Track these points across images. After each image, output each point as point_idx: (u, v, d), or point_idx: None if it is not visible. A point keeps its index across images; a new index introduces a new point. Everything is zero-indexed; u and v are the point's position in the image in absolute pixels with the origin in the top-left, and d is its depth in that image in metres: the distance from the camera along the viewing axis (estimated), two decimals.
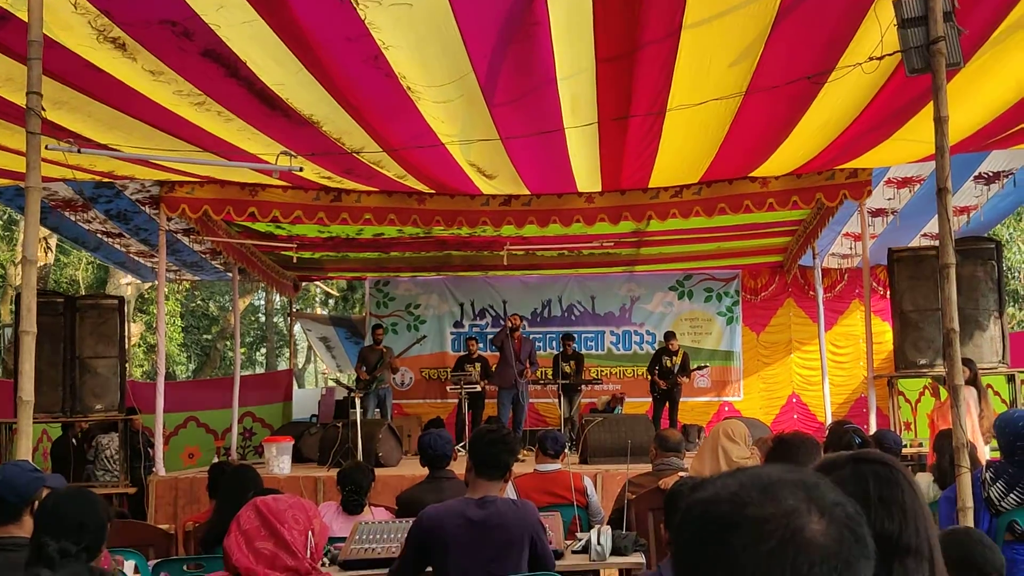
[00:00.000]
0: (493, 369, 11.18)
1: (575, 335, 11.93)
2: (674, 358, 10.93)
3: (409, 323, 13.15)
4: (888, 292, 9.29)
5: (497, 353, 10.79)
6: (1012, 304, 18.81)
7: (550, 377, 11.36)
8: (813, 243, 10.01)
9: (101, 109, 5.51)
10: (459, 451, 8.85)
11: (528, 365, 10.47)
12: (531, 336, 12.14)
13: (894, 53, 4.25)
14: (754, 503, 0.85)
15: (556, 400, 10.61)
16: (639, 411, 11.26)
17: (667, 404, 10.87)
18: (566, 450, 5.14)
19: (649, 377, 11.11)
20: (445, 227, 8.65)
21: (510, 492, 4.48)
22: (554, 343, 12.67)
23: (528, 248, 10.81)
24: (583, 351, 12.24)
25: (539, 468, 5.03)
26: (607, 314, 13.00)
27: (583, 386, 11.23)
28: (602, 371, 12.71)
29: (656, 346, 12.22)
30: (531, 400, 11.22)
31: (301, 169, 6.37)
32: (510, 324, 10.31)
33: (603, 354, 12.94)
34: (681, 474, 4.58)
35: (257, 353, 30.33)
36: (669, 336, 11.11)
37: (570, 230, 8.91)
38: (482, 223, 8.52)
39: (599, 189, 8.21)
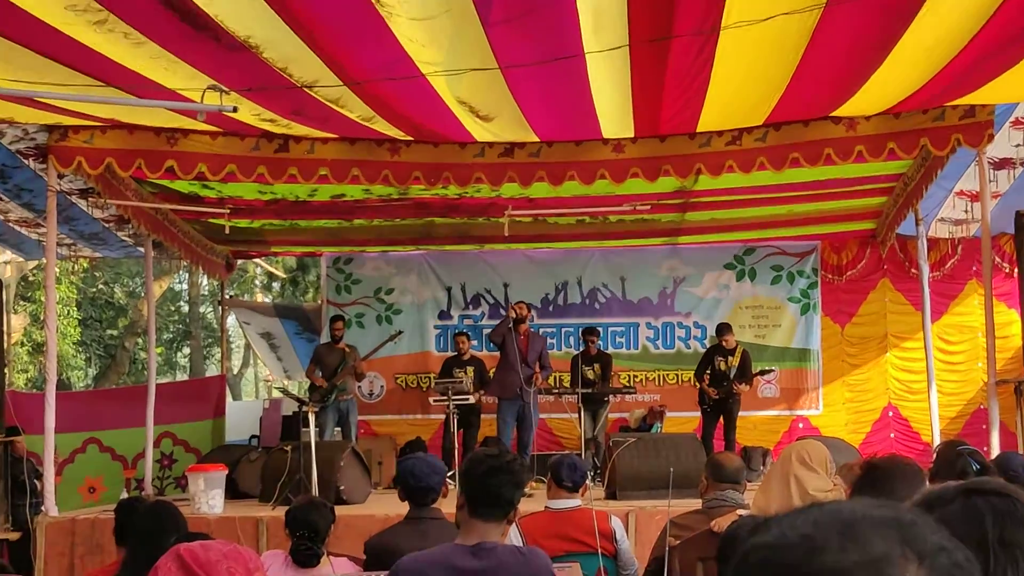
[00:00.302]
0: (491, 375, 11.20)
1: (600, 329, 11.96)
2: (730, 359, 10.95)
3: (379, 314, 13.17)
4: (1016, 269, 9.27)
5: (497, 353, 10.81)
6: None
7: (567, 385, 11.37)
8: (916, 205, 9.99)
9: None
10: (451, 484, 8.90)
11: (538, 369, 10.48)
12: (541, 331, 12.16)
13: None
14: (832, 549, 0.86)
15: (575, 416, 10.64)
16: (685, 429, 11.30)
17: (721, 420, 10.91)
18: (588, 481, 5.17)
19: (697, 385, 11.15)
20: (426, 186, 8.63)
21: (514, 537, 4.50)
22: (572, 340, 12.69)
23: (537, 213, 10.80)
24: (610, 350, 12.28)
25: (552, 505, 5.06)
26: (642, 301, 13.01)
27: (611, 397, 11.26)
28: (636, 377, 12.73)
29: (707, 343, 12.25)
30: (542, 415, 11.26)
31: (235, 109, 6.37)
32: (514, 315, 10.34)
33: (637, 354, 12.96)
34: (740, 512, 4.60)
35: (178, 354, 30.44)
36: (723, 329, 11.13)
37: (592, 189, 8.88)
38: (476, 181, 8.51)
39: (631, 135, 8.18)
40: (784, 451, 4.88)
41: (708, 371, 11.02)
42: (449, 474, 10.09)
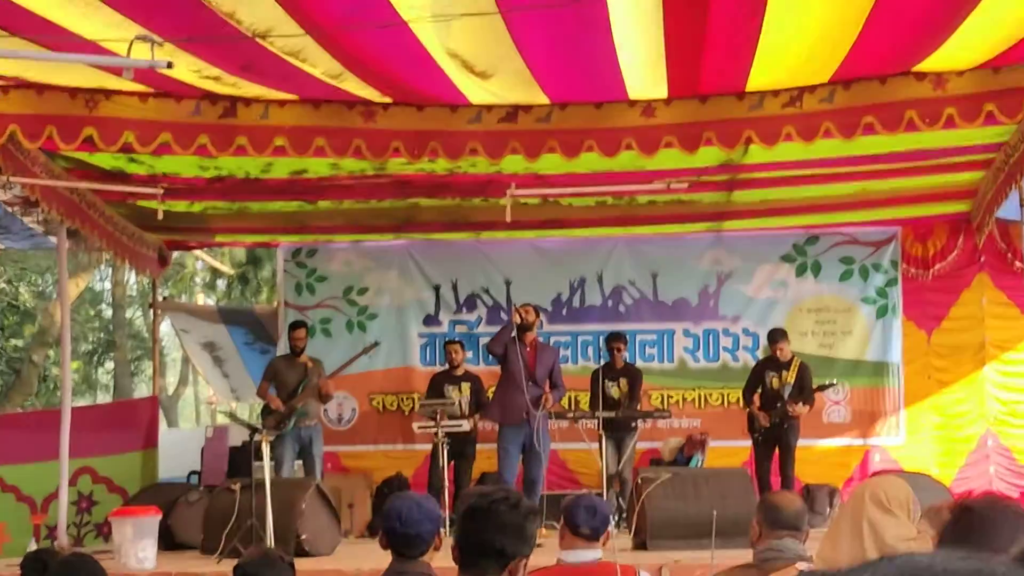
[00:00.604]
0: (490, 395, 11.19)
1: (627, 336, 11.95)
2: (784, 374, 10.94)
3: (350, 319, 13.16)
4: None
5: (497, 368, 10.80)
6: None
7: (585, 408, 11.32)
8: (1020, 182, 9.97)
9: None
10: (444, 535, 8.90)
11: (548, 388, 10.47)
12: (552, 341, 12.15)
13: None
14: None
15: (595, 445, 10.63)
16: (733, 462, 11.27)
17: (776, 450, 10.92)
18: (611, 527, 5.16)
19: (745, 407, 11.15)
20: (409, 159, 8.63)
21: None
22: (591, 351, 12.68)
23: (546, 194, 10.80)
24: (639, 363, 12.28)
25: (566, 557, 5.05)
26: (678, 302, 12.99)
27: (640, 422, 11.26)
28: (671, 397, 12.72)
29: (759, 354, 12.24)
30: (554, 446, 11.26)
31: (171, 65, 6.37)
32: (518, 320, 10.32)
33: (672, 368, 12.94)
34: (801, 566, 4.60)
35: (100, 370, 30.42)
36: (776, 337, 11.14)
37: (616, 163, 8.88)
38: (470, 153, 8.52)
39: (664, 95, 8.20)
40: (856, 490, 4.88)
41: (759, 390, 11.02)
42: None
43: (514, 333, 10.27)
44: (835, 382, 11.76)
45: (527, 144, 8.45)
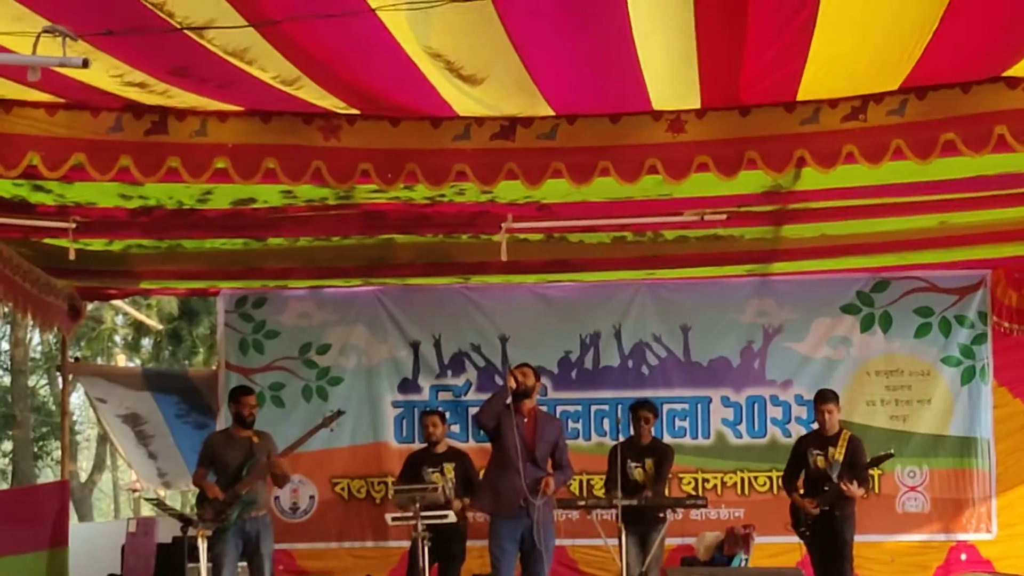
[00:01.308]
0: (480, 477, 11.13)
1: (656, 406, 11.87)
2: (832, 450, 10.92)
3: (308, 384, 13.18)
4: None
5: (488, 445, 10.75)
6: None
7: (600, 495, 11.27)
8: None
9: None
10: None
11: (551, 470, 10.41)
12: (558, 411, 12.11)
13: None
14: None
15: (613, 542, 10.58)
16: (784, 562, 11.28)
17: (826, 548, 10.83)
18: None
19: (787, 495, 11.11)
20: (381, 185, 8.62)
21: None
22: (607, 423, 12.68)
23: (551, 228, 10.81)
24: (667, 439, 12.26)
25: None
26: (716, 363, 13.02)
27: (669, 512, 11.22)
28: (707, 482, 12.70)
29: (815, 427, 12.20)
30: (562, 542, 11.19)
31: (86, 64, 6.36)
32: (514, 385, 10.25)
33: (708, 445, 12.95)
34: None
35: None
36: (822, 399, 11.09)
37: (637, 190, 8.90)
38: (457, 177, 8.52)
39: (696, 105, 8.22)
40: None
41: (802, 472, 10.97)
42: None
43: (509, 401, 10.23)
44: (891, 452, 11.66)
45: (527, 167, 8.44)
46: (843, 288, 12.92)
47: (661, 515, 11.08)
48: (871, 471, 11.25)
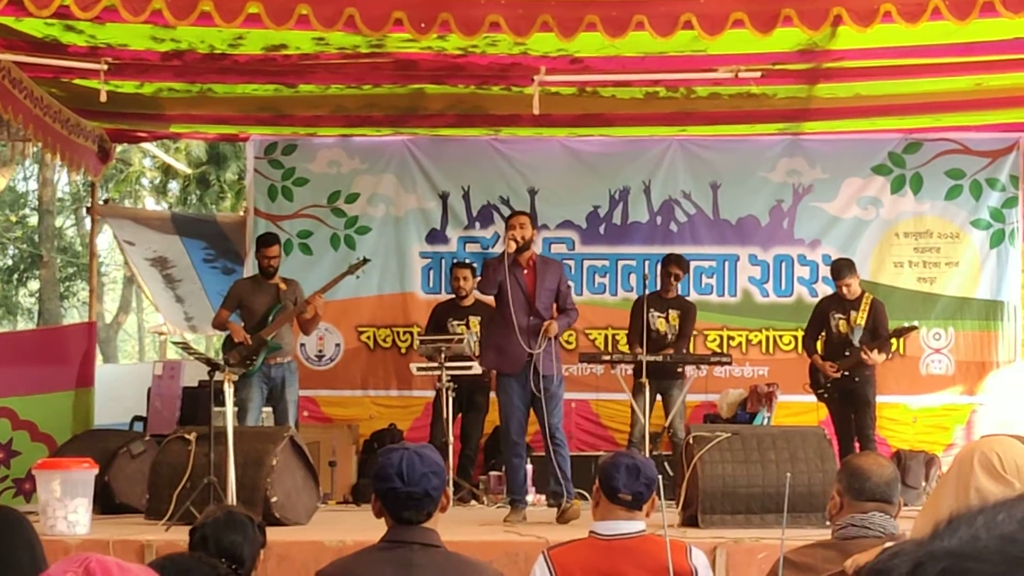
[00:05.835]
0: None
1: (688, 262, 11.89)
2: (853, 315, 10.94)
3: (336, 232, 13.20)
4: None
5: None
6: None
7: (623, 349, 11.33)
8: None
9: None
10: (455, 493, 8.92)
11: (555, 315, 9.78)
12: (587, 265, 12.14)
13: None
14: None
15: (636, 395, 10.63)
16: (807, 421, 11.31)
17: (848, 409, 10.94)
18: (656, 494, 5.17)
19: (807, 356, 11.17)
20: (413, 34, 8.59)
21: (542, 574, 4.53)
22: (634, 279, 12.71)
23: (584, 82, 10.77)
24: (693, 296, 12.32)
25: (601, 529, 5.07)
26: (744, 221, 13.01)
27: (691, 368, 11.30)
28: (731, 339, 12.76)
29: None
30: (586, 396, 11.24)
31: None
32: (514, 246, 9.56)
33: (734, 303, 12.99)
34: (891, 545, 4.63)
35: (22, 290, 30.58)
36: (841, 270, 11.07)
37: (671, 46, 8.86)
38: (490, 28, 8.46)
39: None
40: (961, 453, 4.88)
41: (823, 334, 11.02)
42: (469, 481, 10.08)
43: (508, 257, 9.54)
44: (916, 325, 11.70)
45: (561, 19, 8.39)
46: (875, 149, 12.85)
47: (683, 371, 11.15)
48: (902, 337, 11.28)
